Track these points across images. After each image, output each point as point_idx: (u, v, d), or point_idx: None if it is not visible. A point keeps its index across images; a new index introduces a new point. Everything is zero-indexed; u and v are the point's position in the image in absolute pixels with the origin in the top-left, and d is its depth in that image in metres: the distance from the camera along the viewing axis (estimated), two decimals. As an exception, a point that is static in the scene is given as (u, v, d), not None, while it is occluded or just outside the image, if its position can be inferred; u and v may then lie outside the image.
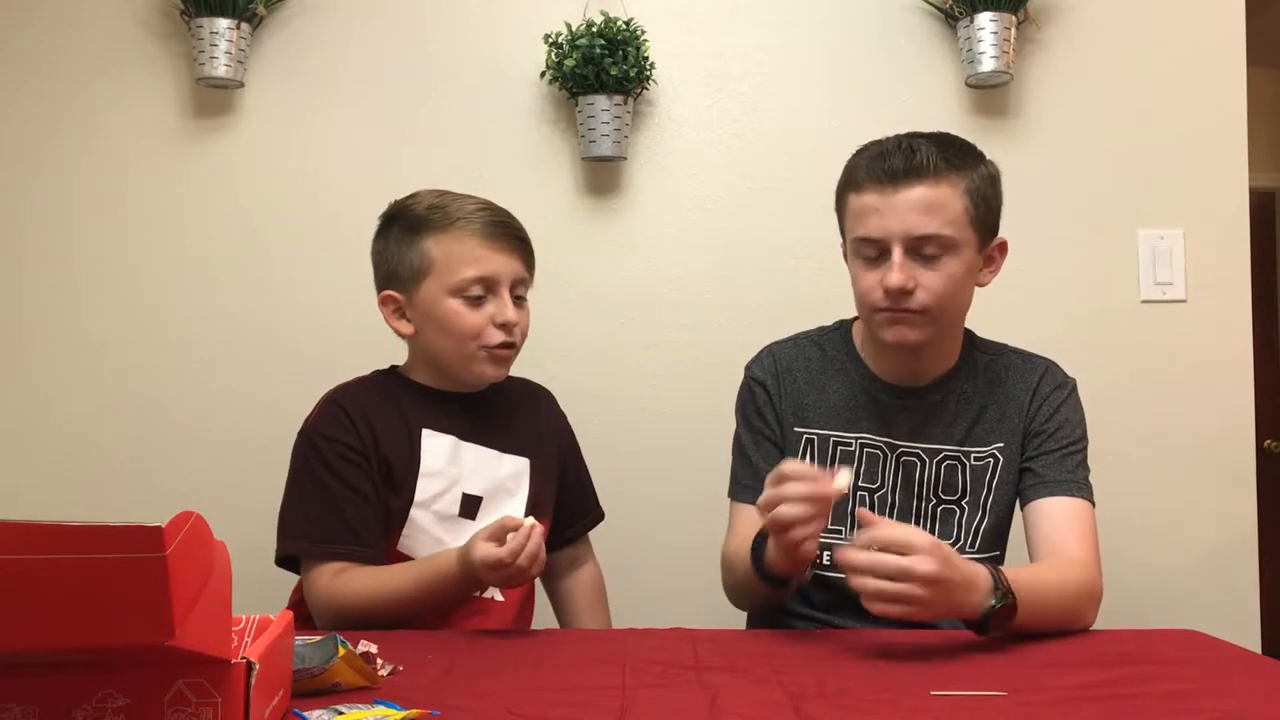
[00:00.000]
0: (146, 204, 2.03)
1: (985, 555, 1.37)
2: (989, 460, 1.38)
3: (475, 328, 1.38)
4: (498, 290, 1.40)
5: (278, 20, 2.02)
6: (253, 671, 0.74)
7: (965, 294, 1.34)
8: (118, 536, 0.63)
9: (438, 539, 1.39)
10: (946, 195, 1.28)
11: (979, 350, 1.43)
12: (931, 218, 1.27)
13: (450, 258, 1.38)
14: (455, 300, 1.38)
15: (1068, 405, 1.39)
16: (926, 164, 1.27)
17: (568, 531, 1.57)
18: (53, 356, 2.01)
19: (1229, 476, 2.03)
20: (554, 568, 1.59)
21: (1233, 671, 1.06)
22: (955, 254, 1.29)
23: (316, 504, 1.36)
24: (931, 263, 1.29)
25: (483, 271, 1.38)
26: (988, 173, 1.33)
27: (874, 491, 1.38)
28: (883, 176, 1.28)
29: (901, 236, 1.28)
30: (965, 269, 1.31)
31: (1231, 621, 1.94)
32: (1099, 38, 2.05)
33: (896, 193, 1.27)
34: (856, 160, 1.34)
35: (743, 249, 2.04)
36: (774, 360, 1.45)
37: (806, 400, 1.42)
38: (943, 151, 1.29)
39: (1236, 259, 2.04)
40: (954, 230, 1.28)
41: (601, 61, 1.90)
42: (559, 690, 0.97)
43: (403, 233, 1.42)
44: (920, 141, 1.30)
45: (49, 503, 1.99)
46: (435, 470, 1.40)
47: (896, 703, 0.92)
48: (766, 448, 1.42)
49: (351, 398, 1.43)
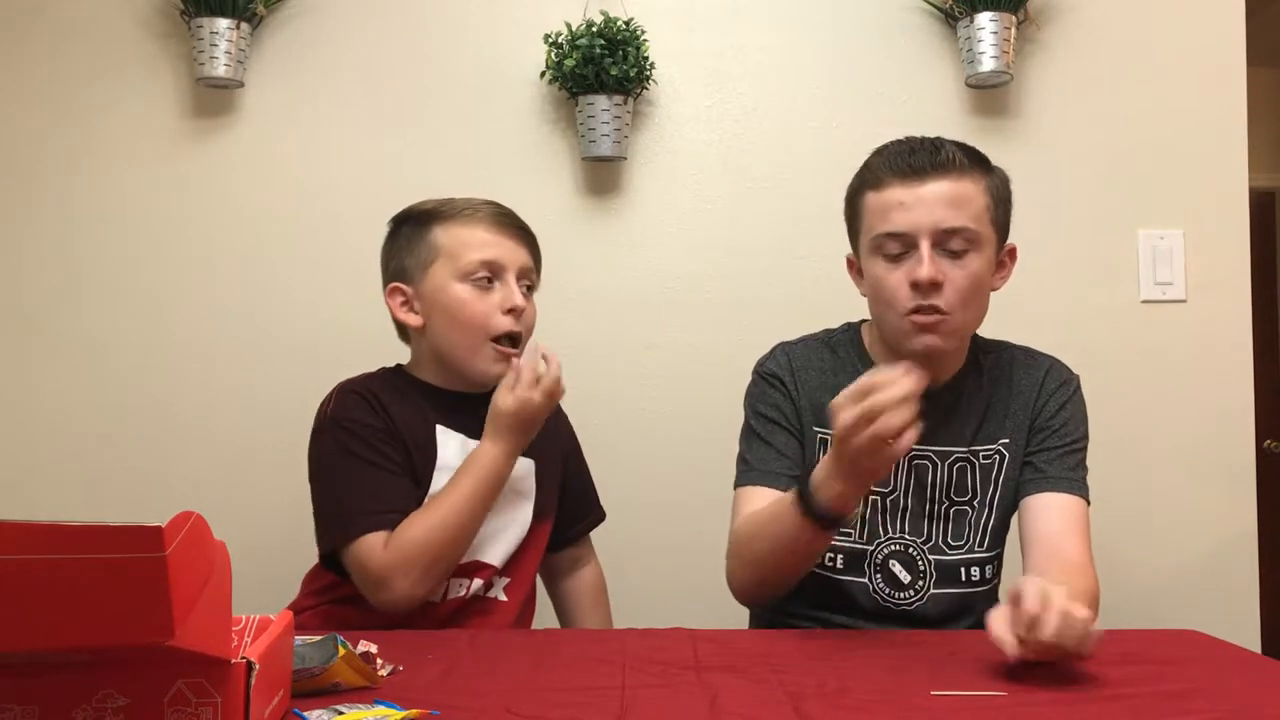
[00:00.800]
0: (147, 204, 2.03)
1: (991, 552, 1.38)
2: (995, 457, 1.38)
3: (483, 314, 1.38)
4: (504, 277, 1.40)
5: (278, 20, 2.03)
6: (253, 671, 0.74)
7: (985, 296, 1.34)
8: (118, 536, 0.63)
9: None
10: (971, 190, 1.29)
11: (982, 350, 1.43)
12: (959, 211, 1.28)
13: (457, 243, 1.40)
14: (462, 285, 1.39)
15: (1073, 402, 1.39)
16: (952, 159, 1.29)
17: (569, 532, 1.57)
18: (53, 356, 2.01)
19: (1229, 476, 2.03)
20: (556, 568, 1.59)
21: (1233, 671, 1.06)
22: (979, 251, 1.30)
23: (365, 480, 1.33)
24: (958, 259, 1.29)
25: (489, 255, 1.39)
26: (1003, 176, 1.36)
27: (886, 495, 1.37)
28: (908, 171, 1.28)
29: (930, 229, 1.27)
30: (987, 268, 1.31)
31: (1231, 621, 1.94)
32: (1099, 38, 2.05)
33: (923, 185, 1.28)
34: (875, 160, 1.34)
35: (743, 249, 2.04)
36: (788, 358, 1.44)
37: (821, 400, 1.38)
38: (963, 150, 1.31)
39: (1236, 259, 2.04)
40: (979, 225, 1.29)
41: (601, 61, 1.90)
42: (559, 690, 0.97)
43: (412, 229, 1.44)
44: (942, 140, 1.31)
45: (49, 503, 1.99)
46: (450, 465, 1.38)
47: (896, 703, 0.92)
48: (784, 436, 1.39)
49: (366, 387, 1.42)
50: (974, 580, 1.37)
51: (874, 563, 1.37)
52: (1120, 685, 0.97)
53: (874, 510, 1.38)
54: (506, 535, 1.42)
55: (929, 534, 1.37)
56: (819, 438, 1.39)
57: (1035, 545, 1.31)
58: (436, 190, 2.04)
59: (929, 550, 1.37)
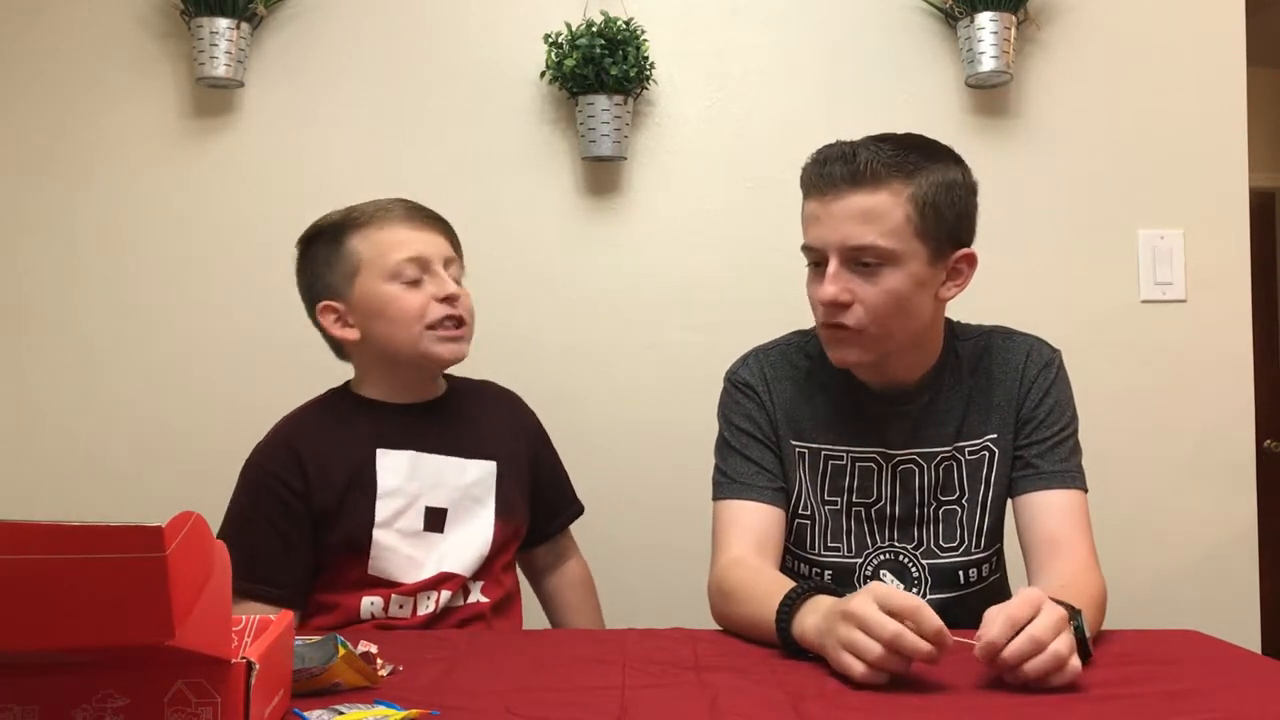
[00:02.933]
0: (146, 204, 2.03)
1: (987, 551, 1.35)
2: (983, 454, 1.34)
3: (418, 307, 1.38)
4: (431, 269, 1.40)
5: (278, 20, 2.03)
6: (253, 671, 0.74)
7: (914, 309, 1.26)
8: (118, 536, 0.63)
9: (408, 556, 1.37)
10: (886, 203, 1.21)
11: (959, 338, 1.38)
12: (867, 227, 1.21)
13: (378, 247, 1.39)
14: (393, 285, 1.38)
15: (1057, 386, 1.34)
16: (864, 170, 1.21)
17: (546, 528, 1.56)
18: (53, 356, 2.01)
19: (1229, 476, 2.03)
20: (537, 566, 1.59)
21: (1233, 671, 1.06)
22: (896, 266, 1.22)
23: (256, 541, 1.34)
24: (870, 276, 1.23)
25: (413, 252, 1.39)
26: (946, 179, 1.24)
27: (871, 505, 1.34)
28: (823, 184, 1.23)
29: (837, 246, 1.23)
30: (910, 283, 1.24)
31: (1231, 621, 1.94)
32: (1099, 38, 2.05)
33: (835, 200, 1.22)
34: (805, 167, 1.28)
35: (742, 249, 2.04)
36: (761, 366, 1.40)
37: (798, 412, 1.37)
38: (892, 156, 1.22)
39: (1236, 259, 2.04)
40: (893, 241, 1.21)
41: (601, 61, 1.90)
42: (559, 690, 0.97)
43: (326, 245, 1.42)
44: (866, 146, 1.23)
45: (49, 503, 1.99)
46: (393, 489, 1.38)
47: (896, 702, 0.92)
48: (759, 449, 1.36)
49: (301, 430, 1.42)
50: (972, 581, 1.35)
51: (864, 575, 1.34)
52: (1120, 685, 0.97)
53: (859, 521, 1.35)
54: (471, 545, 1.41)
55: (919, 538, 1.34)
56: (797, 451, 1.36)
57: (1036, 548, 1.28)
58: (436, 190, 2.04)
59: (921, 555, 1.34)
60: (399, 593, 1.36)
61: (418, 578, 1.36)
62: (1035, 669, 0.94)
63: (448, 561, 1.39)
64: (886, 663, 0.95)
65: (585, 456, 1.70)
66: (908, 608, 0.95)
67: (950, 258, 1.27)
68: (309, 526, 1.36)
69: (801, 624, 1.07)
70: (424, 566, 1.37)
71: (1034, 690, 0.94)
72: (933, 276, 1.27)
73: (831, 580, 1.33)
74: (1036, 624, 0.95)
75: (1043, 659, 0.94)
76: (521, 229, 2.02)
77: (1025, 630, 0.94)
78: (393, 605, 1.35)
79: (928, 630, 0.94)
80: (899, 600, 0.96)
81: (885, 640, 0.94)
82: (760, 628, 1.14)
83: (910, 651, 0.94)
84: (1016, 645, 0.94)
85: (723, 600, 1.25)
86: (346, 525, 1.36)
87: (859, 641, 0.96)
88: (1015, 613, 0.96)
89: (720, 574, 1.28)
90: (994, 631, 0.95)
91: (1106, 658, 1.06)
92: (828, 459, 1.35)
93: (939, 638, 0.94)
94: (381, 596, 1.35)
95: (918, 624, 0.94)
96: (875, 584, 1.00)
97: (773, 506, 1.33)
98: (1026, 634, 0.94)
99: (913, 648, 0.94)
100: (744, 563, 1.26)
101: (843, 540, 1.35)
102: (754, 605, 1.16)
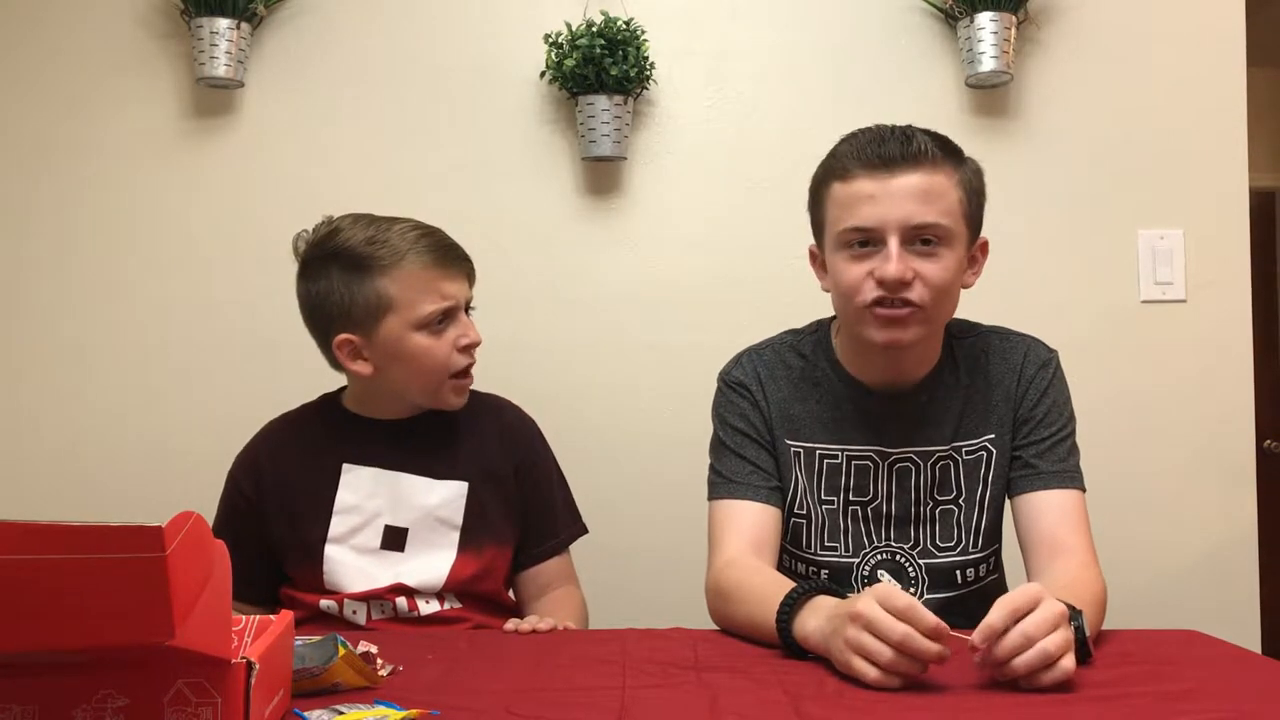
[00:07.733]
0: (146, 204, 2.03)
1: (984, 551, 1.35)
2: (981, 454, 1.34)
3: (444, 360, 1.39)
4: (456, 315, 1.40)
5: (278, 20, 2.03)
6: (253, 671, 0.74)
7: (956, 291, 1.28)
8: (118, 536, 0.63)
9: (360, 570, 1.38)
10: (944, 184, 1.23)
11: (955, 338, 1.38)
12: (930, 206, 1.21)
13: (410, 293, 1.36)
14: (420, 334, 1.37)
15: (1054, 386, 1.35)
16: (924, 150, 1.22)
17: (534, 551, 1.49)
18: (53, 356, 2.01)
19: (1229, 476, 2.03)
20: (523, 592, 1.51)
21: (1233, 671, 1.06)
22: (951, 246, 1.24)
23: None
24: (929, 255, 1.23)
25: (446, 304, 1.38)
26: (976, 168, 1.29)
27: (867, 504, 1.34)
28: (877, 162, 1.22)
29: (899, 225, 1.21)
30: (958, 266, 1.26)
31: (1231, 621, 1.94)
32: (1099, 38, 2.05)
33: (893, 178, 1.21)
34: (843, 148, 1.27)
35: (742, 249, 2.04)
36: (755, 366, 1.39)
37: (793, 411, 1.36)
38: (935, 140, 1.25)
39: (1236, 259, 2.04)
40: (951, 220, 1.23)
41: (601, 61, 1.90)
42: (559, 690, 0.97)
43: (347, 272, 1.36)
44: (913, 129, 1.25)
45: (49, 503, 1.99)
46: (351, 506, 1.40)
47: (896, 702, 0.92)
48: (754, 449, 1.36)
49: (270, 440, 1.48)
50: (969, 581, 1.35)
51: (861, 576, 1.34)
52: (1120, 685, 0.97)
53: (856, 521, 1.35)
54: (432, 567, 1.39)
55: (916, 538, 1.34)
56: (792, 450, 1.35)
57: (1035, 549, 1.28)
58: (436, 190, 2.05)
59: (918, 555, 1.34)
60: (351, 598, 1.38)
61: (371, 588, 1.38)
62: (1023, 664, 0.93)
63: (406, 579, 1.39)
64: (898, 665, 0.95)
65: (584, 457, 1.70)
66: (902, 607, 0.95)
67: (974, 244, 1.31)
68: (255, 532, 1.41)
69: (803, 625, 1.07)
70: (378, 580, 1.38)
71: (1034, 690, 0.94)
72: (967, 262, 1.30)
73: (829, 579, 1.33)
74: (1030, 619, 0.95)
75: (1030, 654, 0.93)
76: (521, 229, 2.02)
77: (1018, 625, 0.94)
78: (346, 609, 1.38)
79: (924, 627, 0.94)
80: (897, 600, 0.96)
81: (894, 642, 0.94)
82: (760, 628, 1.13)
83: (919, 652, 0.94)
84: (1007, 640, 0.94)
85: (720, 600, 1.25)
86: (300, 536, 1.39)
87: (868, 644, 0.96)
88: (1015, 601, 0.96)
89: (717, 574, 1.27)
90: (994, 617, 0.95)
91: (1106, 658, 1.06)
92: (823, 458, 1.35)
93: (937, 633, 0.94)
94: (336, 601, 1.38)
95: (913, 622, 0.94)
96: (877, 585, 1.00)
97: (768, 506, 1.33)
98: (1018, 629, 0.94)
99: (922, 649, 0.94)
100: (740, 563, 1.26)
101: (840, 539, 1.35)
102: (752, 606, 1.16)
